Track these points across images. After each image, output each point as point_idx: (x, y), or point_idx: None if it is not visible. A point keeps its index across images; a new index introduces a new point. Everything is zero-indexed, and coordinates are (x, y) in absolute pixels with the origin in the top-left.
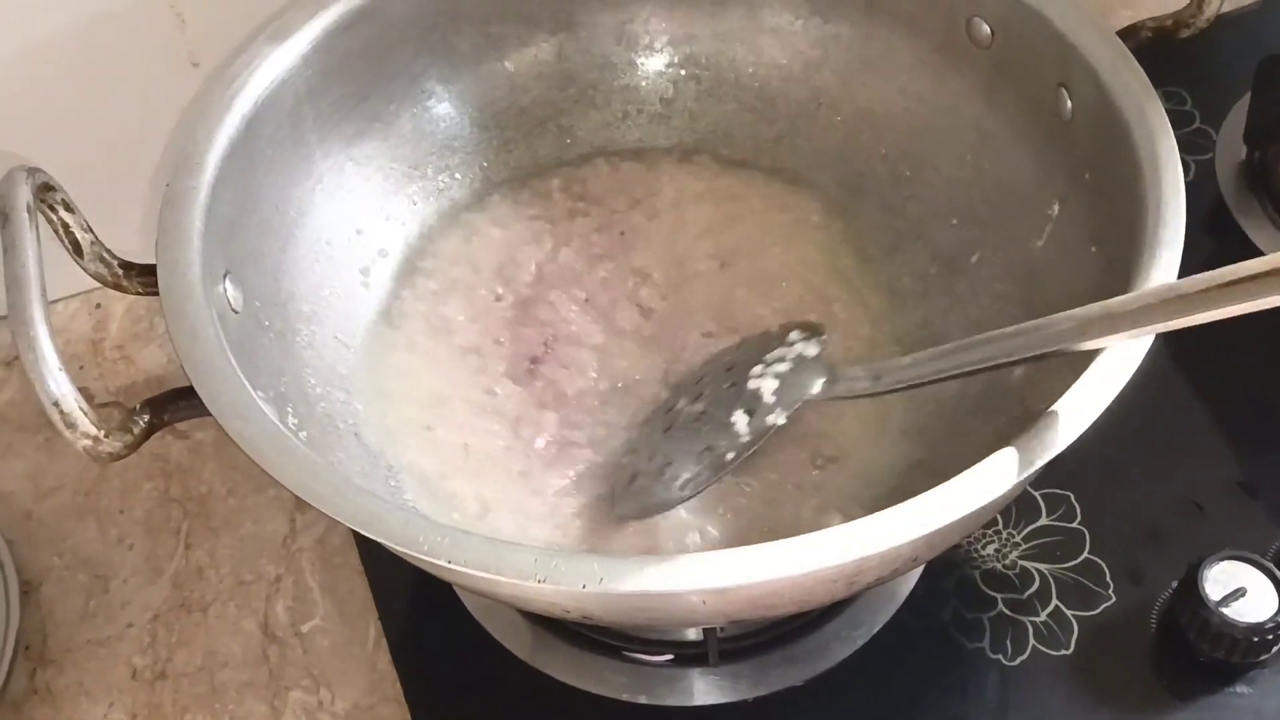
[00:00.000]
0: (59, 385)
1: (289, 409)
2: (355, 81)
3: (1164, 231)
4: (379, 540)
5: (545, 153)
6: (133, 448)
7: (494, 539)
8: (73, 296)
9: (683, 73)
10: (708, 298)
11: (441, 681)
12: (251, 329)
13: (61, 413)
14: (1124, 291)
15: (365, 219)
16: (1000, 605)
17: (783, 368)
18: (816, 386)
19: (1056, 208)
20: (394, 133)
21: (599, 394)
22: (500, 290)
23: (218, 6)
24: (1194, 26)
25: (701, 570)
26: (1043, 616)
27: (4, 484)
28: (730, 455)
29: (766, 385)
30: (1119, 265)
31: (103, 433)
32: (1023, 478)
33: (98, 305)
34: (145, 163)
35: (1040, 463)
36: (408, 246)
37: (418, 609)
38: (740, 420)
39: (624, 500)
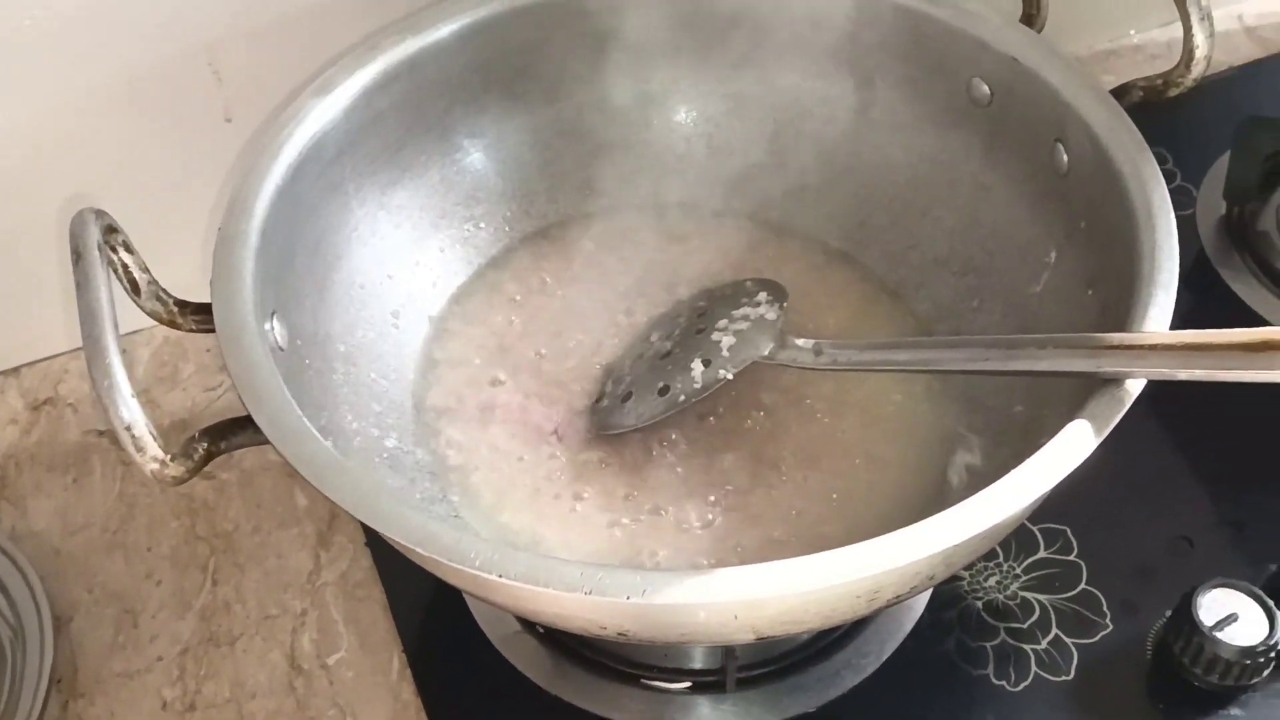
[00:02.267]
0: (131, 411)
1: (329, 443)
2: (391, 134)
3: (1160, 275)
4: (433, 556)
5: (565, 204)
6: (193, 473)
7: (541, 555)
8: None
9: (697, 130)
10: None
11: (464, 710)
12: (295, 366)
13: (133, 436)
14: (1120, 330)
15: (396, 265)
16: (1002, 634)
17: (743, 325)
18: (765, 349)
19: (1053, 255)
20: (424, 183)
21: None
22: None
23: (251, 66)
24: (1182, 85)
25: (736, 582)
26: (1043, 644)
27: (34, 522)
28: (682, 398)
29: (726, 340)
30: (1114, 308)
31: (168, 456)
32: (1029, 501)
33: (124, 352)
34: (188, 211)
35: (1045, 488)
36: (435, 292)
37: (439, 639)
38: (698, 368)
39: (590, 416)
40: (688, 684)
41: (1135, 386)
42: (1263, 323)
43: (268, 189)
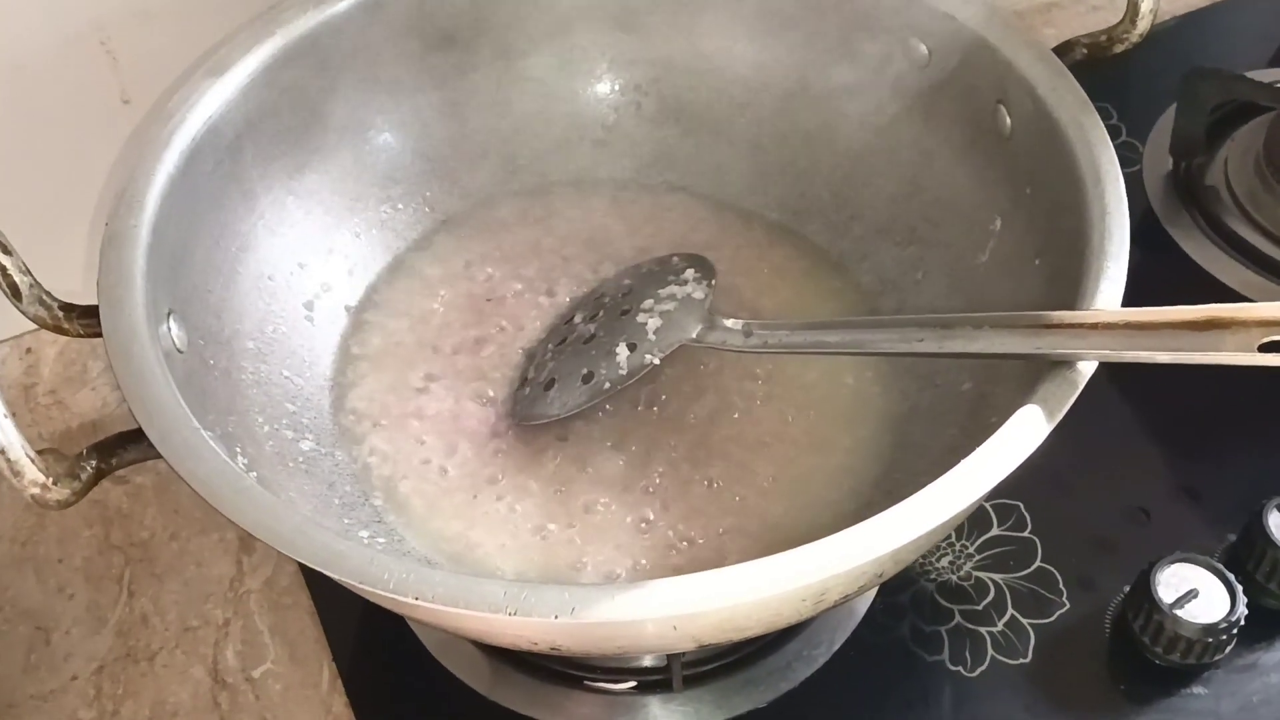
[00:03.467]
0: (5, 433)
1: (237, 449)
2: (295, 115)
3: (1109, 244)
4: (343, 580)
5: (489, 181)
6: (81, 494)
7: (460, 572)
8: (1, 342)
9: (624, 99)
10: None
11: None
12: (197, 369)
13: (8, 460)
14: (1069, 303)
15: (307, 253)
16: (958, 617)
17: (669, 306)
18: (693, 331)
19: (999, 223)
20: (335, 165)
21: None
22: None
23: (148, 44)
24: (1127, 41)
25: (671, 595)
26: (999, 626)
27: None
28: (607, 385)
29: (652, 322)
30: (1063, 277)
31: (50, 479)
32: (979, 495)
33: (28, 350)
34: (83, 202)
35: (994, 481)
36: (351, 281)
37: (372, 647)
38: (623, 353)
39: (512, 404)
40: (632, 684)
41: (1087, 368)
42: (1212, 281)
43: (159, 180)
